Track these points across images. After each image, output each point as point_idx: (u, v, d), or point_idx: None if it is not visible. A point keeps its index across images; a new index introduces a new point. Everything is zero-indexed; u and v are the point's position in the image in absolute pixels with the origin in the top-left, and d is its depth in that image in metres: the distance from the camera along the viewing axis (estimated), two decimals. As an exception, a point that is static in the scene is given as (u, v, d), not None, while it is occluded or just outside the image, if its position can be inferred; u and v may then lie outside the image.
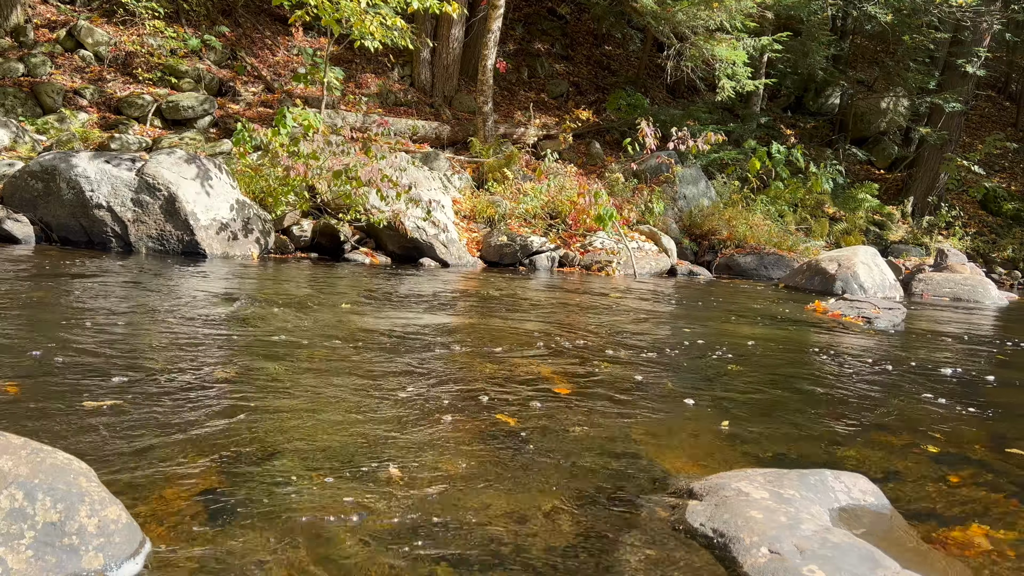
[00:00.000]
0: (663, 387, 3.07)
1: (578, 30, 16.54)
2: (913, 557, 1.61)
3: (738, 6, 11.04)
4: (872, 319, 5.72)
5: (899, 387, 3.40)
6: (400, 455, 2.05)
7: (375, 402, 2.53)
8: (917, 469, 2.27)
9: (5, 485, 1.35)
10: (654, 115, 12.07)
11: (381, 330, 3.82)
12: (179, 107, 9.99)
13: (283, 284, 5.42)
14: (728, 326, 5.03)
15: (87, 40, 10.66)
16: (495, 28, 10.88)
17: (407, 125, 11.26)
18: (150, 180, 6.56)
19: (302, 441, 2.10)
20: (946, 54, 15.00)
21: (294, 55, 12.48)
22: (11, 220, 6.40)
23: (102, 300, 4.08)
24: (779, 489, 1.80)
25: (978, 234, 14.02)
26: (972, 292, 8.86)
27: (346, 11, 8.16)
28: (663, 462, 2.16)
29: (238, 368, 2.84)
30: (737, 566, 1.51)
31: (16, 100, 9.34)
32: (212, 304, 4.24)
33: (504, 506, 1.77)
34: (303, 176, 7.29)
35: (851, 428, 2.66)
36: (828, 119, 16.58)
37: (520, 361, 3.34)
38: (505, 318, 4.60)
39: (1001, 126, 18.35)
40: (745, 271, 9.50)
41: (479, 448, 2.16)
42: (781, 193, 11.54)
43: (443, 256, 7.75)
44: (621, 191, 10.04)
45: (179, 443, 2.01)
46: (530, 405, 2.64)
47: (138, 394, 2.40)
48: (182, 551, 1.46)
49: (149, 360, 2.83)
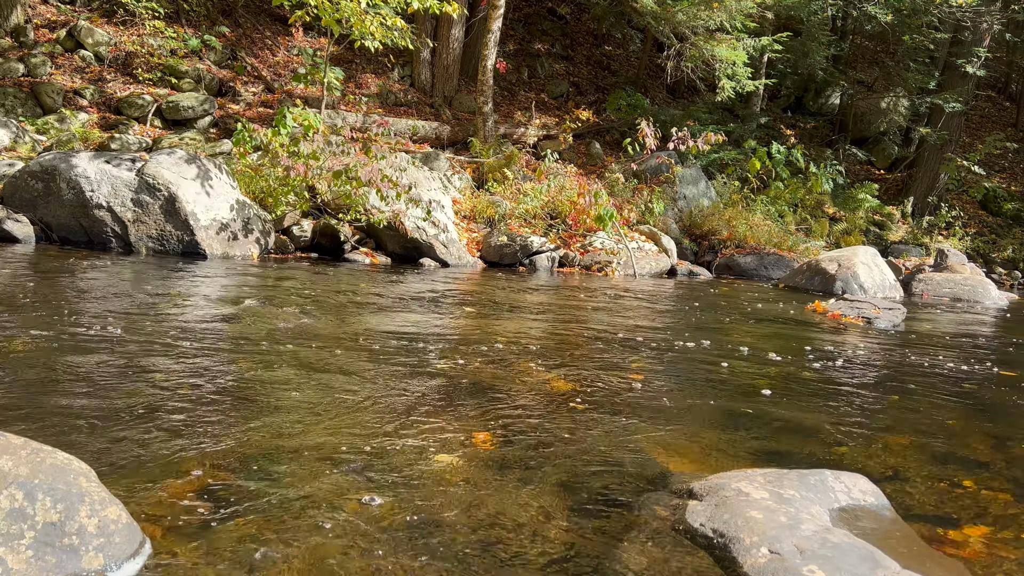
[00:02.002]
0: (663, 387, 3.07)
1: (578, 30, 16.54)
2: (913, 557, 1.61)
3: (738, 6, 11.03)
4: (872, 319, 5.72)
5: (899, 387, 3.40)
6: (400, 455, 2.05)
7: (376, 403, 2.53)
8: (917, 469, 2.27)
9: (5, 485, 1.36)
10: (654, 115, 12.07)
11: (381, 330, 3.82)
12: (179, 107, 9.99)
13: (283, 284, 5.42)
14: (728, 326, 5.03)
15: (87, 40, 10.66)
16: (495, 28, 10.88)
17: (407, 125, 11.26)
18: (150, 180, 6.56)
19: (302, 441, 2.10)
20: (946, 54, 14.99)
21: (294, 55, 12.48)
22: (11, 220, 6.40)
23: (102, 300, 4.08)
24: (779, 489, 1.80)
25: (978, 234, 14.01)
26: (972, 292, 8.86)
27: (346, 11, 8.16)
28: (663, 462, 2.16)
29: (238, 368, 2.84)
30: (737, 566, 1.51)
31: (16, 100, 9.34)
32: (212, 304, 4.25)
33: (504, 505, 1.77)
34: (303, 176, 7.29)
35: (851, 428, 2.66)
36: (828, 119, 16.58)
37: (520, 361, 3.34)
38: (505, 318, 4.60)
39: (1001, 126, 18.35)
40: (745, 271, 9.50)
41: (479, 447, 2.16)
42: (781, 193, 11.53)
43: (443, 256, 7.75)
44: (621, 191, 10.04)
45: (179, 443, 2.01)
46: (529, 404, 2.64)
47: (138, 394, 2.41)
48: (182, 551, 1.46)
49: (149, 360, 2.83)
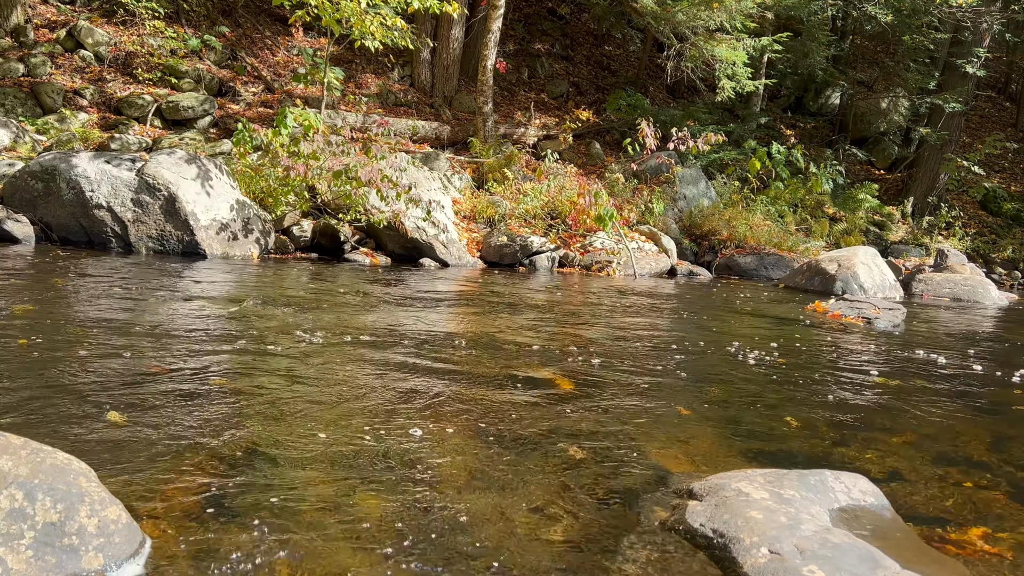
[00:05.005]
0: (663, 387, 3.07)
1: (578, 30, 16.54)
2: (913, 557, 1.61)
3: (738, 6, 11.03)
4: (872, 319, 5.72)
5: (899, 387, 3.40)
6: (400, 456, 2.05)
7: (376, 403, 2.53)
8: (917, 469, 2.27)
9: (5, 485, 1.35)
10: (654, 115, 12.07)
11: (381, 331, 3.82)
12: (179, 107, 9.99)
13: (283, 284, 5.42)
14: (727, 326, 5.03)
15: (87, 40, 10.66)
16: (495, 28, 10.88)
17: (407, 125, 11.26)
18: (150, 180, 6.56)
19: (303, 441, 2.10)
20: (946, 54, 14.99)
21: (294, 55, 12.48)
22: (11, 220, 6.40)
23: (101, 300, 4.08)
24: (779, 489, 1.80)
25: (978, 234, 14.01)
26: (972, 292, 8.86)
27: (346, 11, 8.16)
28: (663, 462, 2.16)
29: (239, 368, 2.84)
30: (737, 566, 1.51)
31: (16, 100, 9.34)
32: (212, 304, 4.25)
33: (504, 505, 1.77)
34: (303, 176, 7.29)
35: (851, 428, 2.66)
36: (828, 119, 16.58)
37: (519, 360, 3.34)
38: (505, 318, 4.60)
39: (1001, 126, 18.35)
40: (745, 271, 9.50)
41: (479, 447, 2.16)
42: (781, 193, 11.53)
43: (443, 256, 7.75)
44: (621, 191, 10.04)
45: (179, 443, 2.01)
46: (530, 405, 2.64)
47: (138, 394, 2.40)
48: (182, 551, 1.46)
49: (149, 360, 2.83)
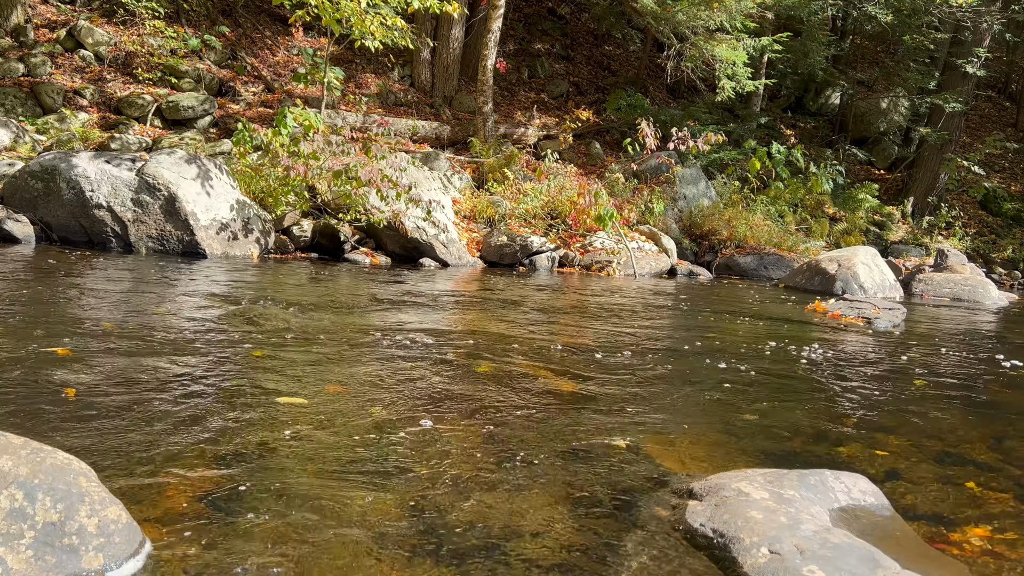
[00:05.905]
0: (663, 387, 3.07)
1: (578, 30, 16.54)
2: (913, 557, 1.61)
3: (738, 6, 11.03)
4: (872, 319, 5.72)
5: (899, 387, 3.40)
6: (400, 456, 2.05)
7: (376, 403, 2.53)
8: (917, 469, 2.27)
9: (5, 485, 1.35)
10: (654, 115, 12.07)
11: (382, 331, 3.82)
12: (179, 107, 9.99)
13: (283, 284, 5.42)
14: (728, 326, 5.03)
15: (87, 40, 10.66)
16: (495, 28, 10.88)
17: (407, 125, 11.26)
18: (150, 180, 6.56)
19: (303, 441, 2.10)
20: (946, 54, 15.00)
21: (294, 55, 12.47)
22: (11, 220, 6.40)
23: (101, 300, 4.08)
24: (779, 489, 1.80)
25: (978, 234, 14.02)
26: (972, 292, 8.86)
27: (346, 11, 8.16)
28: (663, 462, 2.16)
29: (239, 367, 2.84)
30: (737, 566, 1.51)
31: (16, 100, 9.34)
32: (212, 304, 4.25)
33: (504, 505, 1.77)
34: (303, 176, 7.29)
35: (851, 428, 2.66)
36: (828, 119, 16.58)
37: (519, 360, 3.34)
38: (505, 318, 4.60)
39: (1001, 126, 18.35)
40: (745, 271, 9.50)
41: (478, 448, 2.16)
42: (781, 193, 11.53)
43: (443, 256, 7.75)
44: (621, 191, 10.04)
45: (179, 442, 2.01)
46: (530, 404, 2.64)
47: (138, 393, 2.40)
48: (182, 551, 1.46)
49: (149, 359, 2.83)
